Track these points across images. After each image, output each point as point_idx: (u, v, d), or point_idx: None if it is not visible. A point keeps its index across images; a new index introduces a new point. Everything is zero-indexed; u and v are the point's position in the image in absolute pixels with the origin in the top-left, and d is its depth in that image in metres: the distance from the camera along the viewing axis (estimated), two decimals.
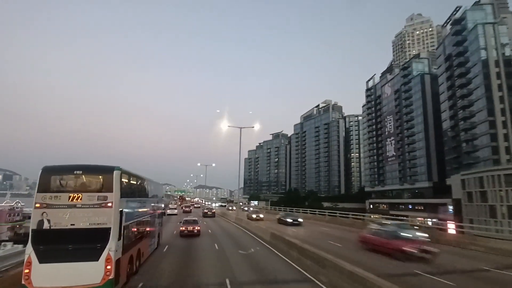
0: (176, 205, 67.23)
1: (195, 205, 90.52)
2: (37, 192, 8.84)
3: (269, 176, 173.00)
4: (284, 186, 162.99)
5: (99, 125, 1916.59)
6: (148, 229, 14.25)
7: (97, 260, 8.62)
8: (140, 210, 12.63)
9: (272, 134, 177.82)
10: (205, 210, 48.96)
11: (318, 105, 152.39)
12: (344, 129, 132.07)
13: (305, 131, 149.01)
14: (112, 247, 8.81)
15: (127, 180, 10.83)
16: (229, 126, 26.26)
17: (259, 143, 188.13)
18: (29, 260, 8.30)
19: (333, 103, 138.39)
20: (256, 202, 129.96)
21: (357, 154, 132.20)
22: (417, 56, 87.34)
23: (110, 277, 8.60)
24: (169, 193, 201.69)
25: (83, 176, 9.43)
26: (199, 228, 23.27)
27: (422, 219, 66.82)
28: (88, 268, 8.54)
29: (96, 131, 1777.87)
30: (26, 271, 8.23)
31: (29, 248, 8.43)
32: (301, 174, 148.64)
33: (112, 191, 9.18)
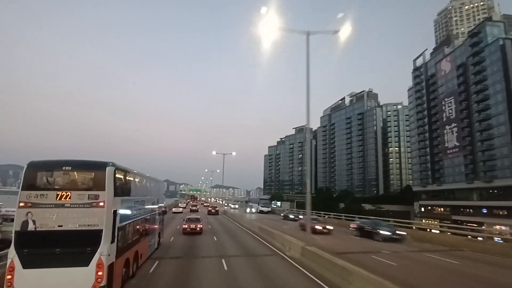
0: (185, 204, 70.19)
1: (204, 204, 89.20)
2: (22, 189, 7.97)
3: (292, 174, 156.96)
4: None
5: (122, 127, 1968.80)
6: (146, 229, 13.07)
7: (87, 265, 7.74)
8: (137, 209, 11.43)
9: (295, 128, 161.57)
10: (209, 208, 51.32)
11: (344, 98, 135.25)
12: (381, 119, 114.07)
13: (333, 124, 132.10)
14: (104, 251, 7.91)
15: (122, 177, 9.69)
16: (279, 28, 11.62)
17: (281, 138, 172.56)
18: (11, 265, 7.48)
19: (367, 90, 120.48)
20: (278, 203, 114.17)
21: (396, 148, 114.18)
22: (489, 19, 69.03)
23: (102, 284, 7.78)
24: (183, 192, 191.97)
25: (73, 172, 8.63)
26: (201, 226, 23.20)
27: (507, 228, 49.55)
28: (77, 274, 7.69)
29: (116, 133, 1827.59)
30: (9, 277, 7.44)
31: (12, 252, 7.60)
32: (329, 172, 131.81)
33: (104, 189, 8.24)
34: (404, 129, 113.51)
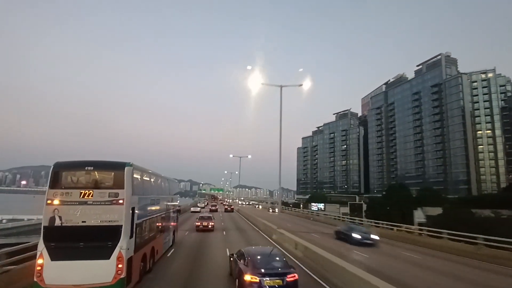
0: (204, 204, 70.92)
1: (224, 203, 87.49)
2: (49, 188, 8.48)
3: (333, 169, 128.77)
4: (357, 184, 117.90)
5: (151, 130, 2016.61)
6: (162, 226, 13.80)
7: (108, 258, 8.14)
8: (153, 207, 12.12)
9: (336, 114, 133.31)
10: (225, 206, 61.61)
11: (388, 81, 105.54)
12: (469, 92, 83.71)
13: (392, 103, 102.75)
14: (123, 245, 8.33)
15: (139, 177, 10.28)
16: None
17: (318, 127, 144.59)
18: (41, 257, 7.95)
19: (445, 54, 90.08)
20: (321, 205, 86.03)
21: (488, 131, 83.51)
22: None
23: (122, 276, 8.13)
24: (204, 191, 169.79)
25: (95, 172, 9.07)
26: (213, 223, 24.85)
27: None
28: (99, 267, 8.09)
29: (142, 135, 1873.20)
30: (38, 268, 7.85)
31: (41, 245, 8.05)
32: (387, 165, 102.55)
33: (123, 188, 8.72)
34: (499, 105, 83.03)
